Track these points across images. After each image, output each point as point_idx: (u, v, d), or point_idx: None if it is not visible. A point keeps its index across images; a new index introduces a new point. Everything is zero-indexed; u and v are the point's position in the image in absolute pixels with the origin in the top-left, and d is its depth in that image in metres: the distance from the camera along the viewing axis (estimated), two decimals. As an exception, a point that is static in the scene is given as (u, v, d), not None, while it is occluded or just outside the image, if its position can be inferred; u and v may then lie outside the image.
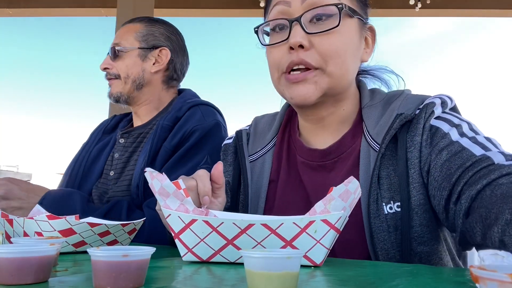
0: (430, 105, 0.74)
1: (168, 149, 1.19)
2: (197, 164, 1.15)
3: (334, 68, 0.74)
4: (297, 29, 0.73)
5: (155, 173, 0.62)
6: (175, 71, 1.38)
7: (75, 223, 0.69)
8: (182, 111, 1.26)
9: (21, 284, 0.43)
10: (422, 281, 0.47)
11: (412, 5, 4.83)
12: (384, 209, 0.72)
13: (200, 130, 1.20)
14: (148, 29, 1.35)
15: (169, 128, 1.23)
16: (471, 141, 0.68)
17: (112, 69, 1.32)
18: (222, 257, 0.60)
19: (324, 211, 0.59)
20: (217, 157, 1.12)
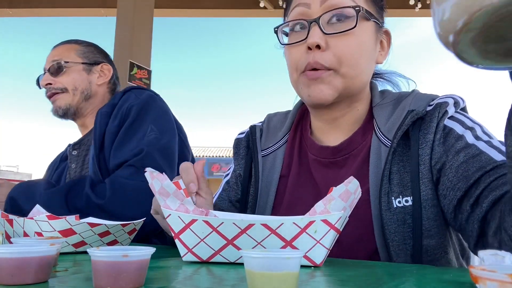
0: (443, 104, 0.75)
1: (112, 131, 1.24)
2: (143, 136, 1.21)
3: (348, 69, 0.76)
4: (316, 29, 0.75)
5: (155, 173, 0.62)
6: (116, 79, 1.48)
7: (75, 223, 0.69)
8: (117, 97, 1.33)
9: (21, 284, 0.43)
10: (423, 281, 0.47)
11: (412, 5, 4.83)
12: (393, 202, 0.73)
13: (136, 105, 1.26)
14: (85, 47, 1.43)
15: (108, 114, 1.29)
16: (487, 145, 0.69)
17: (56, 84, 1.36)
18: (222, 257, 0.60)
19: (324, 211, 0.59)
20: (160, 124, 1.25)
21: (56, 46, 1.43)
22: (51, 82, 1.36)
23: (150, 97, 1.30)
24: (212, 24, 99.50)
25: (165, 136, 1.23)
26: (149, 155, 1.15)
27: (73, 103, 1.36)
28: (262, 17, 5.56)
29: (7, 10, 4.64)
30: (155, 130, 1.21)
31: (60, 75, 1.36)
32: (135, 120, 1.24)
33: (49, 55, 1.41)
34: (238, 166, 0.97)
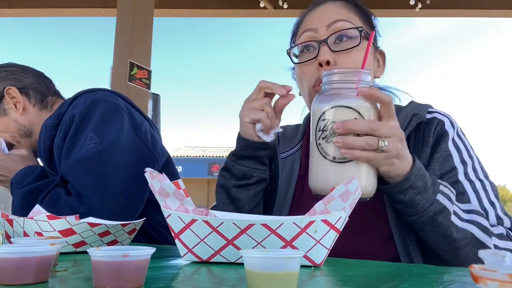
0: (440, 122, 0.87)
1: (59, 145, 1.15)
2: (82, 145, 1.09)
3: None
4: (325, 48, 0.86)
5: (155, 173, 0.62)
6: (37, 92, 1.30)
7: (75, 223, 0.69)
8: (65, 106, 1.21)
9: (21, 284, 0.43)
10: (422, 281, 0.47)
11: (412, 5, 4.83)
12: None
13: (78, 114, 1.14)
14: None
15: (54, 125, 1.19)
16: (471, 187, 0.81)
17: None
18: (222, 257, 0.60)
19: (324, 211, 0.59)
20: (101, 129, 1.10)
21: None
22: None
23: (93, 102, 1.16)
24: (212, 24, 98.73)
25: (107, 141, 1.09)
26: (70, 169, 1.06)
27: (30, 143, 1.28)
28: (262, 17, 5.57)
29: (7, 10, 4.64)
30: (94, 138, 1.09)
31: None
32: (76, 130, 1.12)
33: None
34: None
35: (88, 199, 1.01)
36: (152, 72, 4.44)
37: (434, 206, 0.72)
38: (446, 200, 0.73)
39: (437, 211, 0.72)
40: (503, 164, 79.60)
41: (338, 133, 0.68)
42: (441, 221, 0.72)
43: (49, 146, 1.18)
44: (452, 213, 0.73)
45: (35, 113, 1.28)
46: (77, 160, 1.05)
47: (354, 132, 0.67)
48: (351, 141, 0.67)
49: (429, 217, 0.72)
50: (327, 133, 0.69)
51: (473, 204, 0.79)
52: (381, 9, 4.82)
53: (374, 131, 0.67)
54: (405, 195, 0.72)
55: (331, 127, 0.69)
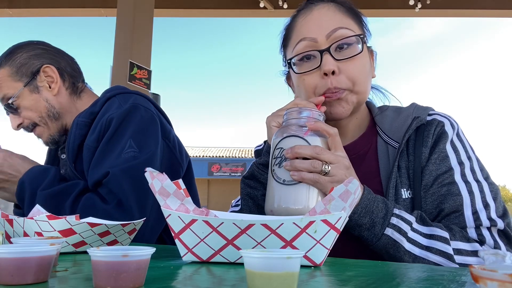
0: (440, 123, 0.89)
1: (90, 145, 1.14)
2: (121, 152, 1.10)
3: (359, 87, 0.89)
4: (328, 58, 0.87)
5: (155, 173, 0.62)
6: (70, 76, 1.28)
7: (75, 223, 0.69)
8: (98, 105, 1.20)
9: (21, 284, 0.43)
10: (422, 281, 0.47)
11: (412, 5, 4.83)
12: (403, 193, 0.86)
13: (116, 117, 1.13)
14: (16, 63, 1.22)
15: (86, 124, 1.17)
16: (466, 188, 0.83)
17: (24, 122, 1.23)
18: (222, 257, 0.60)
19: (324, 211, 0.59)
20: (140, 138, 1.12)
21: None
22: (19, 121, 1.22)
23: (132, 108, 1.16)
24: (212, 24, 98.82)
25: (145, 152, 1.11)
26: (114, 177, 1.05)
27: (53, 131, 1.25)
28: (262, 17, 5.57)
29: (7, 10, 4.64)
30: (133, 147, 1.11)
31: (19, 111, 1.22)
32: (113, 135, 1.12)
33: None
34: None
35: (130, 209, 1.03)
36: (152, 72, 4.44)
37: (383, 240, 0.75)
38: (396, 233, 0.75)
39: (386, 244, 0.75)
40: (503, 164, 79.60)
41: (288, 157, 0.75)
42: (394, 253, 0.76)
43: (78, 144, 1.17)
44: (406, 242, 0.75)
45: (66, 97, 1.27)
46: (122, 170, 1.06)
47: (301, 156, 0.74)
48: (297, 163, 0.74)
49: (380, 249, 0.77)
50: (279, 159, 0.77)
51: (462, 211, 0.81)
52: (381, 9, 4.82)
53: (319, 155, 0.74)
54: (354, 231, 0.78)
55: (282, 154, 0.77)
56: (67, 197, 1.08)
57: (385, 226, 0.75)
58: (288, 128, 0.79)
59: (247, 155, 20.18)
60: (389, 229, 0.75)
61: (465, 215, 0.80)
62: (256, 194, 0.91)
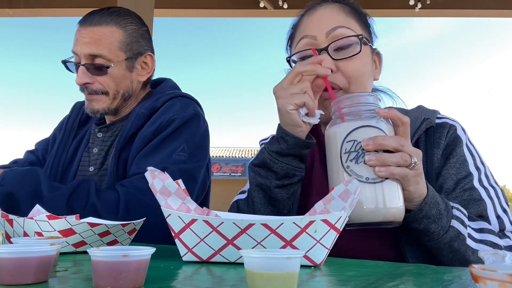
0: (452, 127, 0.88)
1: (145, 136, 1.15)
2: (173, 151, 1.12)
3: (355, 87, 0.87)
4: (326, 57, 0.86)
5: (156, 171, 0.62)
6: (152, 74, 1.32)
7: (75, 223, 0.69)
8: (160, 101, 1.21)
9: (21, 284, 0.43)
10: (422, 281, 0.47)
11: (412, 5, 4.83)
12: None
13: (179, 119, 1.16)
14: (130, 34, 1.22)
15: (145, 116, 1.18)
16: (486, 194, 0.82)
17: (94, 84, 1.19)
18: (222, 257, 0.60)
19: (324, 211, 0.59)
20: (193, 146, 1.17)
21: (93, 26, 1.18)
22: (90, 81, 1.18)
23: (195, 116, 1.20)
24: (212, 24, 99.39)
25: (193, 160, 1.15)
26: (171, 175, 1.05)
27: (112, 106, 1.23)
28: (262, 17, 5.56)
29: (7, 10, 4.64)
30: (186, 151, 1.14)
31: (101, 74, 1.18)
32: (171, 134, 1.15)
33: (83, 40, 1.17)
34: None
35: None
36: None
37: (449, 233, 0.72)
38: (460, 225, 0.72)
39: (452, 237, 0.72)
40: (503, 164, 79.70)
41: (368, 149, 0.67)
42: (458, 247, 0.72)
43: (133, 133, 1.17)
44: (467, 236, 0.73)
45: (141, 85, 1.29)
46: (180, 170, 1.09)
47: (384, 148, 0.67)
48: (387, 157, 0.66)
49: (444, 244, 0.72)
50: (355, 154, 0.68)
51: (487, 216, 0.80)
52: (380, 9, 4.82)
53: (403, 147, 0.67)
54: (420, 224, 0.72)
55: (359, 147, 0.68)
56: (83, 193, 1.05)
57: (450, 217, 0.72)
58: (355, 117, 0.71)
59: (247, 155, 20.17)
60: (454, 221, 0.72)
61: (490, 220, 0.79)
62: (269, 186, 0.83)
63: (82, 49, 1.16)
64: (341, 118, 0.72)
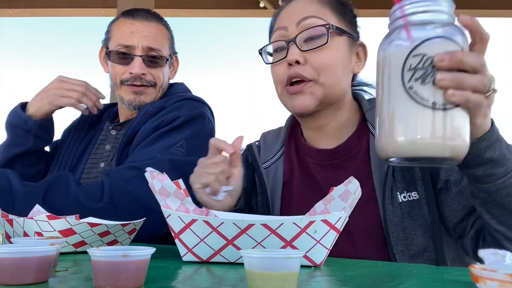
0: None
1: (146, 131, 1.16)
2: (171, 145, 1.12)
3: (326, 78, 0.84)
4: (293, 48, 0.84)
5: (155, 172, 0.62)
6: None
7: (75, 223, 0.69)
8: (170, 102, 1.23)
9: (21, 284, 0.43)
10: (422, 281, 0.47)
11: (412, 5, 4.82)
12: (398, 197, 0.80)
13: (184, 117, 1.18)
14: (171, 34, 1.32)
15: (152, 114, 1.20)
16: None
17: (147, 75, 1.23)
18: (222, 257, 0.60)
19: (324, 211, 0.59)
20: (192, 145, 1.15)
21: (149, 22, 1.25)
22: (145, 72, 1.22)
23: (200, 115, 1.21)
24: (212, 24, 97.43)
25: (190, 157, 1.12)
26: (159, 163, 1.04)
27: (153, 100, 1.26)
28: (262, 17, 5.56)
29: (7, 10, 4.64)
30: (184, 148, 1.14)
31: (156, 67, 1.24)
32: (172, 129, 1.16)
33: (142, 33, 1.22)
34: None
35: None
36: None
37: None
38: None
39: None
40: (503, 164, 79.24)
41: (441, 67, 0.51)
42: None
43: (138, 129, 1.18)
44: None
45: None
46: (170, 161, 1.08)
47: (462, 68, 0.53)
48: (464, 78, 0.52)
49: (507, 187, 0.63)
50: (422, 72, 0.52)
51: None
52: (380, 9, 4.82)
53: (483, 69, 0.54)
54: (495, 151, 0.62)
55: (429, 64, 0.52)
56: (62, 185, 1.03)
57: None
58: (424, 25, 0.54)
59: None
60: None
61: None
62: None
63: (141, 41, 1.22)
64: (406, 27, 0.55)
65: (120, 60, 1.23)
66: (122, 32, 1.23)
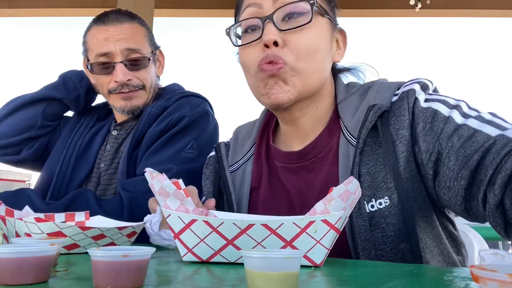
0: (410, 92, 0.72)
1: (153, 135, 1.16)
2: (181, 149, 1.13)
3: (304, 64, 0.73)
4: (270, 27, 0.73)
5: (155, 173, 0.62)
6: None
7: (64, 226, 0.68)
8: (172, 100, 1.22)
9: (21, 284, 0.43)
10: (422, 281, 0.47)
11: (412, 5, 4.83)
12: (365, 207, 0.70)
13: (188, 117, 1.17)
14: (148, 30, 1.27)
15: (157, 116, 1.19)
16: (479, 121, 0.65)
17: (134, 80, 1.19)
18: (222, 257, 0.60)
19: (324, 211, 0.59)
20: (202, 144, 1.16)
21: (122, 24, 1.19)
22: (131, 77, 1.18)
23: (204, 114, 1.21)
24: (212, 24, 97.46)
25: (202, 159, 1.11)
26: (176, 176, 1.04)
27: (147, 102, 1.24)
28: (262, 17, 5.56)
29: (7, 10, 4.64)
30: (195, 149, 1.14)
31: (140, 69, 1.20)
32: (180, 131, 1.15)
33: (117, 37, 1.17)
34: (205, 187, 0.95)
35: None
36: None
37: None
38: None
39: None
40: (503, 164, 79.20)
41: None
42: None
43: (145, 132, 1.18)
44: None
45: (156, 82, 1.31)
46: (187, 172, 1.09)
47: None
48: None
49: None
50: None
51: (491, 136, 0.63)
52: (380, 9, 4.82)
53: None
54: None
55: None
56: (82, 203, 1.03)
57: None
58: None
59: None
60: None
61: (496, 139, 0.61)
62: None
63: (118, 45, 1.17)
64: None
65: (102, 70, 1.20)
66: (97, 41, 1.19)
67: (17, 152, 1.30)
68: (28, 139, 1.29)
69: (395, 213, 0.70)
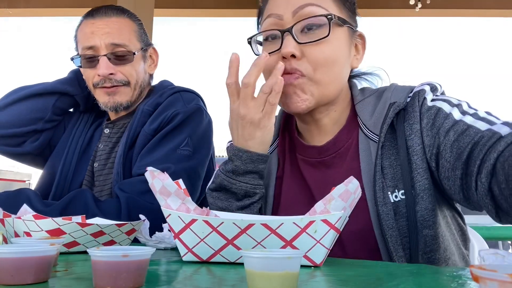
0: (421, 92, 0.78)
1: (148, 133, 1.15)
2: (177, 146, 1.12)
3: (322, 76, 0.77)
4: (289, 39, 0.76)
5: (156, 172, 0.62)
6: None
7: (63, 223, 0.68)
8: (164, 97, 1.21)
9: (21, 284, 0.43)
10: (422, 281, 0.47)
11: (412, 5, 4.83)
12: (390, 197, 0.75)
13: (182, 114, 1.16)
14: (139, 25, 1.26)
15: (149, 113, 1.19)
16: (473, 118, 0.71)
17: (117, 75, 1.18)
18: (222, 257, 0.60)
19: (324, 211, 0.59)
20: (197, 140, 1.16)
21: (109, 17, 1.19)
22: (114, 72, 1.16)
23: (198, 110, 1.20)
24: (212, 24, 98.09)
25: (197, 156, 1.14)
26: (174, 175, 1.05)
27: (132, 99, 1.22)
28: (262, 17, 5.55)
29: (7, 10, 4.64)
30: (190, 145, 1.14)
31: (124, 64, 1.18)
32: (174, 128, 1.14)
33: (102, 30, 1.16)
34: None
35: None
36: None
37: None
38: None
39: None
40: (503, 164, 79.42)
41: None
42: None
43: (139, 131, 1.17)
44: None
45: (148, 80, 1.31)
46: (184, 170, 1.09)
47: None
48: None
49: None
50: None
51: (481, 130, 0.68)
52: (380, 9, 4.82)
53: None
54: None
55: None
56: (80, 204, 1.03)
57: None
58: None
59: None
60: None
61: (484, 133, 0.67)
62: (231, 209, 0.78)
63: (103, 39, 1.16)
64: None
65: (87, 63, 1.19)
66: (84, 34, 1.19)
67: (20, 144, 1.25)
68: (34, 131, 1.25)
69: (412, 204, 0.74)
